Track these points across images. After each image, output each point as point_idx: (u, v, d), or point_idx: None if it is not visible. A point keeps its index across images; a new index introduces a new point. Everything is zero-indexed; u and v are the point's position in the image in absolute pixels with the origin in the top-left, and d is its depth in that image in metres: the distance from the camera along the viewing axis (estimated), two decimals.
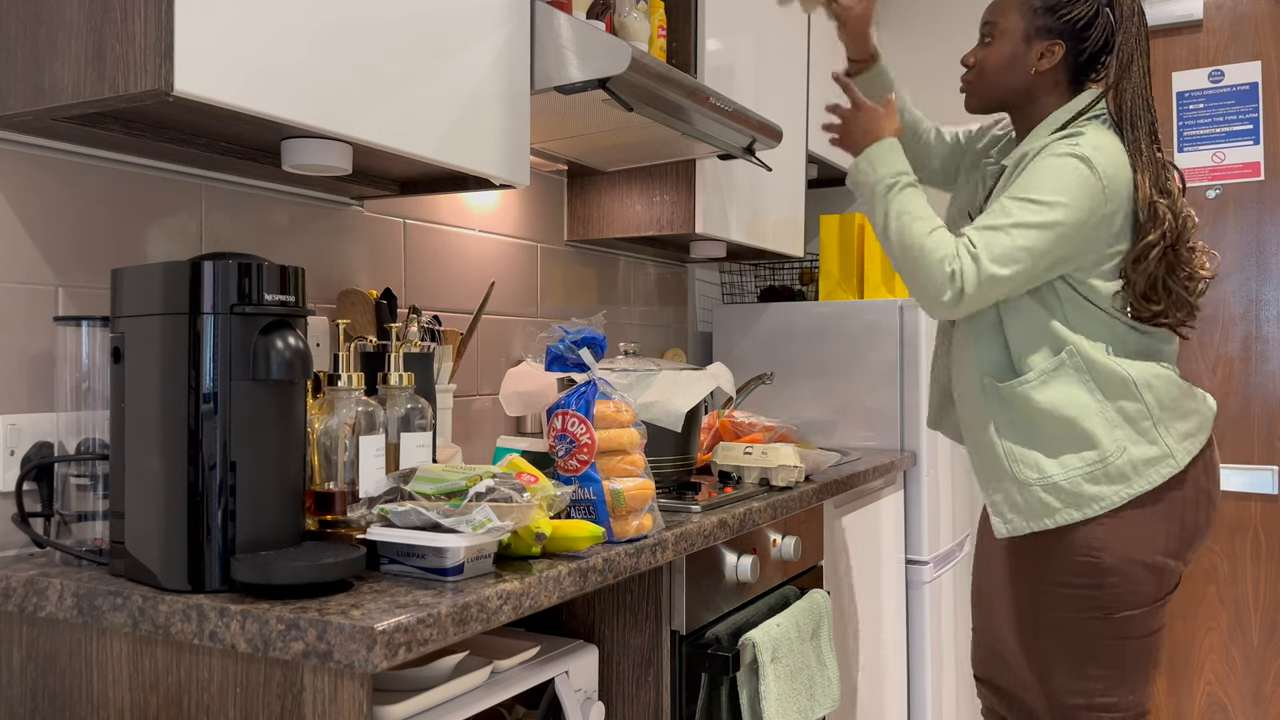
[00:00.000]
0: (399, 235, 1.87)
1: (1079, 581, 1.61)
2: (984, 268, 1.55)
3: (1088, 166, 1.56)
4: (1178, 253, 1.60)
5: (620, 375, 1.72)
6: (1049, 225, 1.55)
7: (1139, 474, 1.58)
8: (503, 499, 1.15)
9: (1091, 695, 1.64)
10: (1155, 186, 1.60)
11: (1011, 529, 1.65)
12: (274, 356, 1.07)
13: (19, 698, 1.15)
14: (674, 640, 1.48)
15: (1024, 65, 1.70)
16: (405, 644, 0.94)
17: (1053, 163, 1.58)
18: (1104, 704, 1.64)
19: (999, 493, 1.68)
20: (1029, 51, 1.69)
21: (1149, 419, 1.60)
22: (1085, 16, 1.66)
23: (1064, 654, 1.65)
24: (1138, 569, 1.60)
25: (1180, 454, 1.60)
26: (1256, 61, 2.87)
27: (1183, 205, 1.62)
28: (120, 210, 1.41)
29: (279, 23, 1.16)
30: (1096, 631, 1.62)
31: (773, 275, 3.14)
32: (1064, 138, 1.62)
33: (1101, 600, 1.60)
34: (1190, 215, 1.62)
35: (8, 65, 1.17)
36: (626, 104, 1.63)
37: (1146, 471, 1.58)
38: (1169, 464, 1.59)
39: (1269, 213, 2.86)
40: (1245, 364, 2.88)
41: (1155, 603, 1.62)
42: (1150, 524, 1.59)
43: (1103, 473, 1.58)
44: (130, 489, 1.09)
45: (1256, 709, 2.85)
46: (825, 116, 2.85)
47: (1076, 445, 1.60)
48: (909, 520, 2.64)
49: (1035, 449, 1.63)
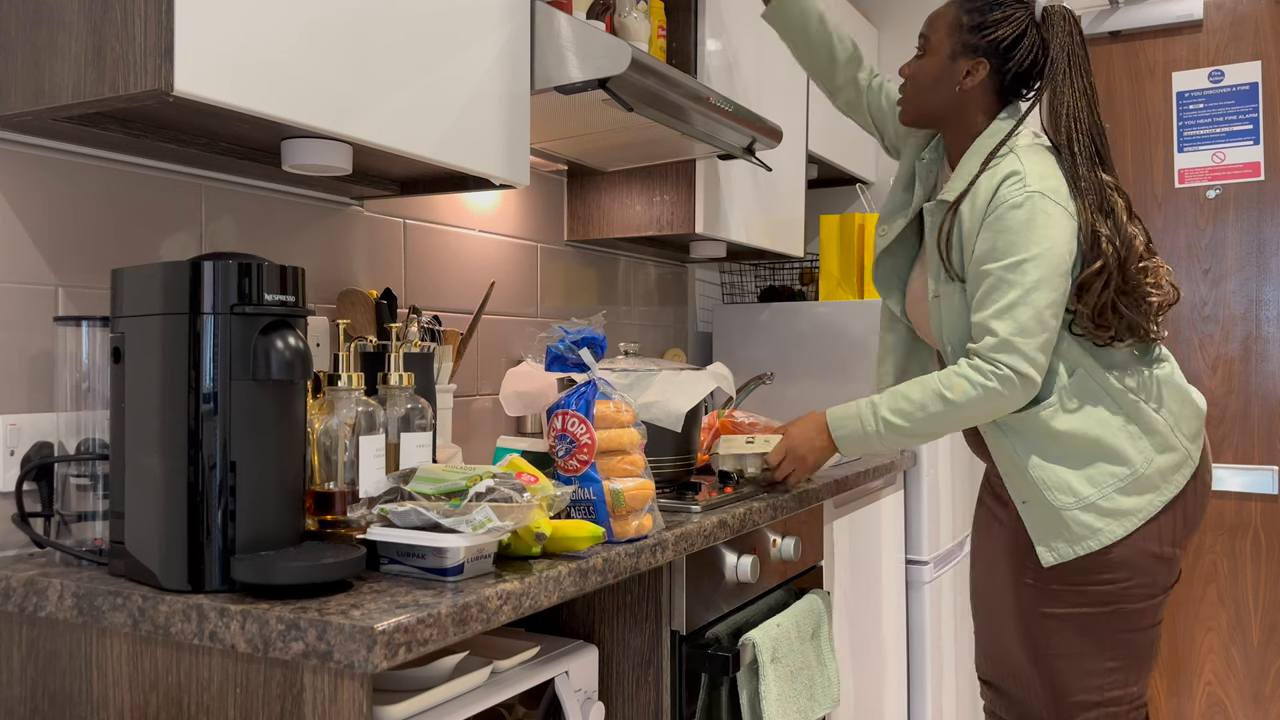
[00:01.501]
0: (399, 235, 1.88)
1: (1094, 578, 1.62)
2: (1018, 344, 1.56)
3: (1048, 200, 1.57)
4: (1126, 277, 1.59)
5: (620, 375, 1.72)
6: (1050, 270, 1.56)
7: (1167, 481, 1.61)
8: (503, 499, 1.15)
9: (1102, 690, 1.65)
10: (1098, 211, 1.59)
11: (1059, 556, 1.63)
12: (274, 356, 1.07)
13: (19, 698, 1.15)
14: (674, 640, 1.48)
15: (949, 82, 1.70)
16: (405, 644, 0.94)
17: (1017, 216, 1.57)
18: (1113, 698, 1.65)
19: (1038, 520, 1.66)
20: (954, 68, 1.69)
21: (1166, 426, 1.62)
22: (1010, 36, 1.65)
23: (1075, 651, 1.65)
24: (1150, 561, 1.61)
25: (1195, 453, 1.64)
26: (1256, 61, 2.87)
27: (1127, 227, 1.59)
28: (120, 210, 1.41)
29: (279, 23, 1.16)
30: (1111, 625, 1.63)
31: (773, 275, 3.14)
32: (1005, 179, 1.60)
33: (1115, 594, 1.62)
34: (1135, 236, 1.60)
35: (8, 65, 1.17)
36: (626, 104, 1.63)
37: (1173, 477, 1.62)
38: (1189, 465, 1.63)
39: (1269, 213, 2.86)
40: (1245, 364, 2.88)
41: (1164, 592, 1.65)
42: (1159, 518, 1.62)
43: (1134, 485, 1.60)
44: (130, 489, 1.09)
45: (1256, 709, 2.85)
46: (825, 116, 2.85)
47: (1107, 461, 1.61)
48: (909, 520, 2.64)
49: (1065, 472, 1.62)
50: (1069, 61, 1.63)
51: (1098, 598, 1.63)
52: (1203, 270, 2.93)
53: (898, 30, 3.31)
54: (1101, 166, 1.63)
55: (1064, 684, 1.67)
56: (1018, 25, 1.65)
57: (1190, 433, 1.65)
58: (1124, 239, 1.59)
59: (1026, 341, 1.56)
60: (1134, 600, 1.62)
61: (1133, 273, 1.59)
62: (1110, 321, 1.59)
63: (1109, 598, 1.62)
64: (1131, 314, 1.59)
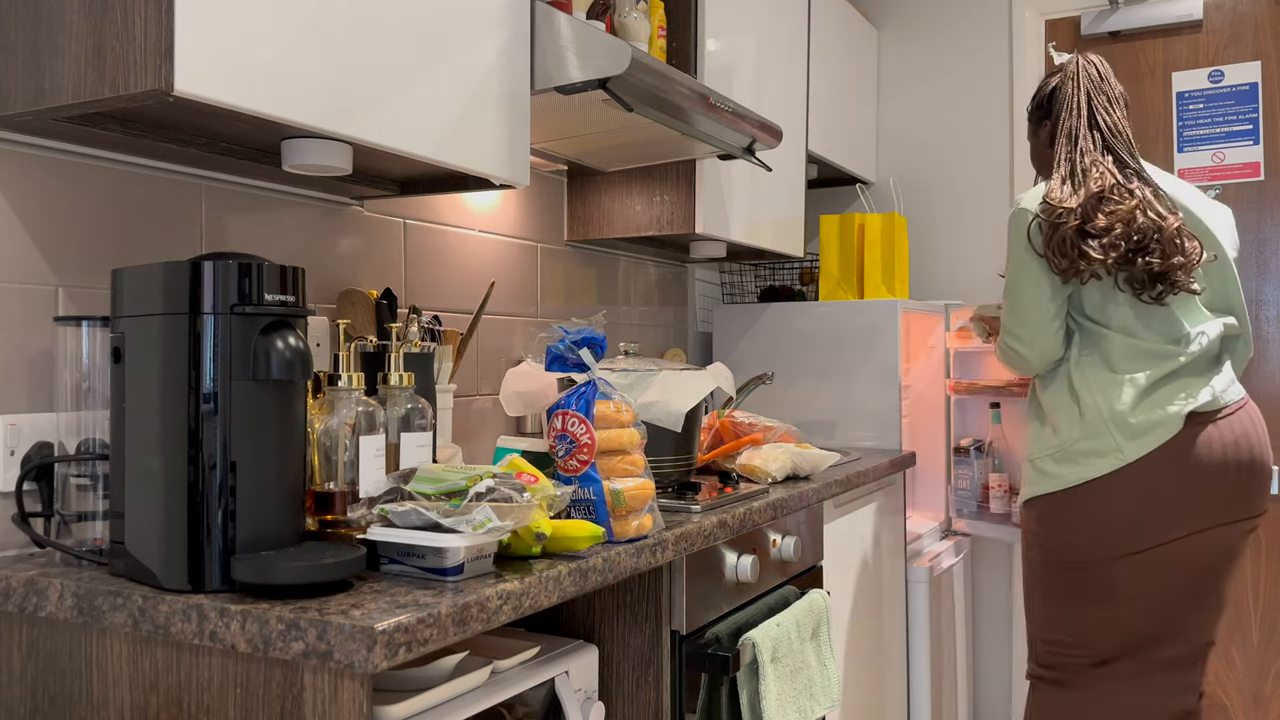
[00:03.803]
0: (399, 235, 1.88)
1: (1032, 527, 2.03)
2: (1001, 338, 2.09)
3: (1015, 209, 2.03)
4: (1084, 227, 1.91)
5: (620, 375, 1.72)
6: (1013, 275, 2.02)
7: (1087, 462, 1.93)
8: (503, 499, 1.15)
9: (1045, 629, 2.03)
10: (1067, 180, 1.97)
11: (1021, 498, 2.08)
12: (274, 356, 1.07)
13: (19, 698, 1.15)
14: (674, 640, 1.48)
15: (1037, 146, 2.22)
16: (405, 644, 0.94)
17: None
18: (1052, 639, 2.01)
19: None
20: (1035, 137, 2.22)
21: (1101, 420, 1.93)
22: (1045, 93, 2.17)
23: (1030, 590, 2.07)
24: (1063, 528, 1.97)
25: (1130, 450, 1.89)
26: (1256, 61, 2.87)
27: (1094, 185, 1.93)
28: (120, 210, 1.41)
29: (279, 23, 1.16)
30: (1049, 576, 2.00)
31: (773, 275, 3.14)
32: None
33: (1045, 545, 2.00)
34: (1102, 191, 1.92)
35: (8, 65, 1.17)
36: (626, 104, 1.63)
37: (1095, 461, 1.92)
38: (1116, 457, 1.90)
39: (1269, 213, 2.86)
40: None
41: (1090, 567, 1.94)
42: (1075, 490, 1.95)
43: (1063, 456, 1.96)
44: (130, 489, 1.09)
45: (1256, 709, 2.85)
46: (825, 116, 2.85)
47: (1042, 431, 2.03)
48: (908, 520, 2.64)
49: (1037, 433, 2.05)
50: (1074, 89, 2.09)
51: (1033, 544, 2.02)
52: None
53: (898, 30, 3.31)
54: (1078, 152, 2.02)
55: (1027, 615, 2.07)
56: (1046, 84, 2.18)
57: (1133, 430, 1.90)
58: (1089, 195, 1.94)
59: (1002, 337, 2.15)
60: (1058, 558, 1.97)
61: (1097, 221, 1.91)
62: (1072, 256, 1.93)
63: (1042, 548, 2.00)
64: (1085, 247, 1.91)
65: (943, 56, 3.25)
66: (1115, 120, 2.04)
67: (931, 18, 3.26)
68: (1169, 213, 1.91)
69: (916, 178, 3.28)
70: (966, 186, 3.21)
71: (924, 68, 3.27)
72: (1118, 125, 2.04)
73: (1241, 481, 1.91)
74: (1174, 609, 1.92)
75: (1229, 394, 1.95)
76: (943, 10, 3.25)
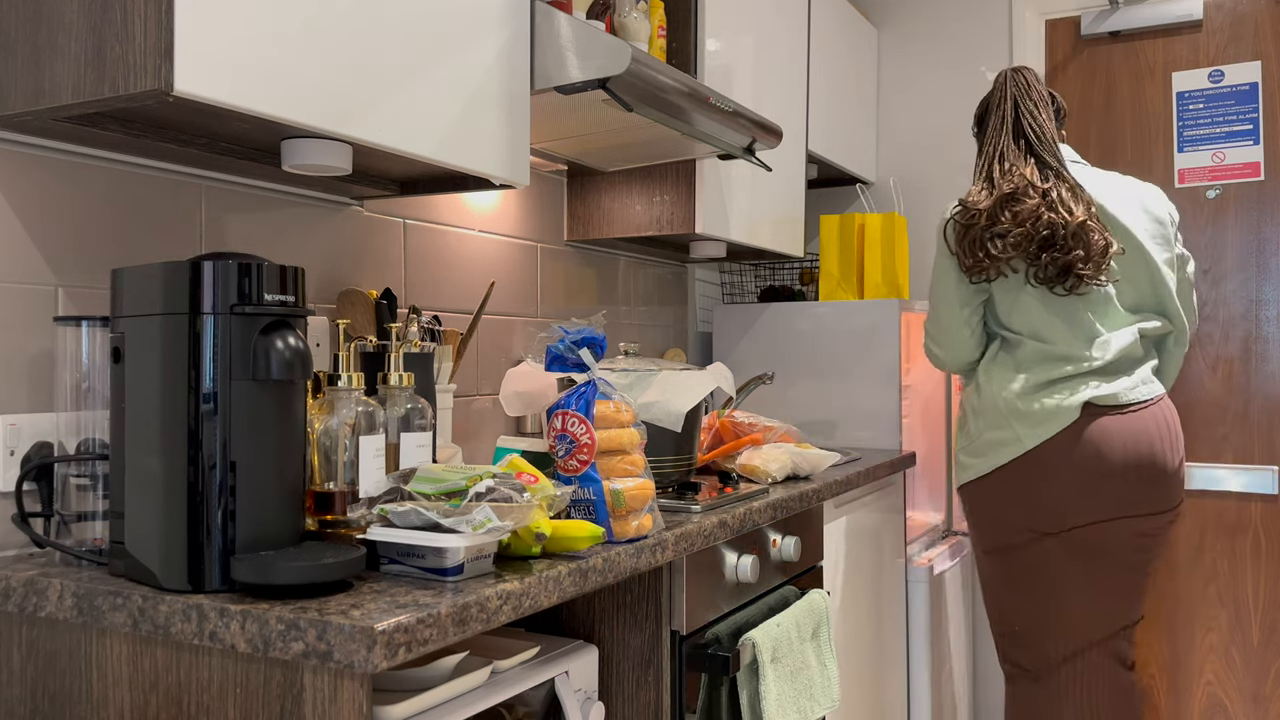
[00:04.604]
0: (399, 235, 1.88)
1: (969, 531, 2.22)
2: (924, 338, 2.30)
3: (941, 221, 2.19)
4: (993, 226, 2.05)
5: (620, 375, 1.72)
6: (932, 278, 2.21)
7: (993, 451, 2.10)
8: (503, 499, 1.15)
9: (1000, 620, 2.19)
10: (984, 186, 2.10)
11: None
12: (274, 356, 1.07)
13: (19, 698, 1.15)
14: (674, 640, 1.48)
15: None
16: (405, 644, 0.94)
17: None
18: (1006, 630, 2.17)
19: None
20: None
21: (999, 412, 2.09)
22: (979, 111, 2.30)
23: (984, 579, 2.22)
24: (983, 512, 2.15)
25: (1028, 439, 2.05)
26: (1256, 61, 2.87)
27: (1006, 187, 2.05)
28: (120, 210, 1.41)
29: (279, 23, 1.16)
30: (990, 562, 2.17)
31: (773, 275, 3.14)
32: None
33: (979, 542, 2.19)
34: (1014, 191, 2.04)
35: (8, 65, 1.17)
36: (626, 104, 1.63)
37: (999, 450, 2.09)
38: (1016, 446, 2.06)
39: (1269, 213, 2.86)
40: (1245, 364, 2.88)
41: (1008, 550, 2.11)
42: (989, 478, 2.11)
43: (973, 449, 2.14)
44: (130, 489, 1.09)
45: (1256, 709, 2.85)
46: (825, 116, 2.85)
47: (962, 427, 2.20)
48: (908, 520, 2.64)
49: (960, 429, 2.22)
50: (1000, 100, 2.21)
51: (970, 534, 2.20)
52: (1203, 270, 2.93)
53: (898, 30, 3.31)
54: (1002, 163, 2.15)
55: (987, 612, 2.24)
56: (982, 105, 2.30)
57: (1032, 420, 2.04)
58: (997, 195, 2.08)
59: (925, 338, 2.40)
60: (985, 542, 2.15)
61: (1003, 221, 2.05)
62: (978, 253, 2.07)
63: (974, 537, 2.19)
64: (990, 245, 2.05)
65: (943, 57, 3.25)
66: (1040, 124, 2.15)
67: (931, 18, 3.26)
68: (1077, 207, 2.02)
69: (916, 178, 3.28)
70: (967, 186, 3.20)
71: (924, 68, 3.27)
72: (1043, 129, 2.15)
73: (1142, 477, 2.02)
74: (1107, 595, 2.06)
75: (1137, 392, 2.05)
76: (943, 10, 3.25)
